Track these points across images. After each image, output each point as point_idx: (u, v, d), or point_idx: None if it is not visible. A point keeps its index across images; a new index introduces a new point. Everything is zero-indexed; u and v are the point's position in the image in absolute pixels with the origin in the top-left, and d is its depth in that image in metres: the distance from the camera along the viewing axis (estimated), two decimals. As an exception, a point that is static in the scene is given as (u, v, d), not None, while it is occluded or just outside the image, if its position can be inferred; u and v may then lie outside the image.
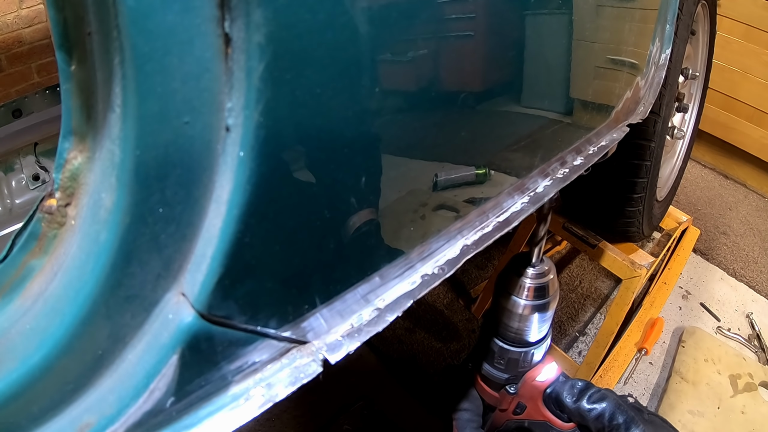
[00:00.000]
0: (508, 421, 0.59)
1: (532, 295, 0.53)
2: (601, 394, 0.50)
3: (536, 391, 0.56)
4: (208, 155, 0.29)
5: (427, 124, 0.42)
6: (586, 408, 0.49)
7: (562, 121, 0.61)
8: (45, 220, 0.31)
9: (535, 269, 0.54)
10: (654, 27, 0.76)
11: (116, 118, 0.27)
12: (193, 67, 0.27)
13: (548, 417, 0.54)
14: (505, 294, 0.54)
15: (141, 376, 0.31)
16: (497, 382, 0.58)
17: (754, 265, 1.95)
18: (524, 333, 0.55)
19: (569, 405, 0.50)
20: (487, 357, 0.58)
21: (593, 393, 0.50)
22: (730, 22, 2.10)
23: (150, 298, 0.30)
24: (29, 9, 1.81)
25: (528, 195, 0.57)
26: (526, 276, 0.53)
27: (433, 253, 0.46)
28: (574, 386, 0.51)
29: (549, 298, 0.55)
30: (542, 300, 0.54)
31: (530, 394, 0.57)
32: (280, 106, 0.29)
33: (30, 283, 0.32)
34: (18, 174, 1.22)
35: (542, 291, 0.54)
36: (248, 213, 0.30)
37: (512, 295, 0.54)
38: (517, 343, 0.55)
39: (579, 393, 0.50)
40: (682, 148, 1.65)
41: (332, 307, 0.38)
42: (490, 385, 0.59)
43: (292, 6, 0.28)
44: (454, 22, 0.41)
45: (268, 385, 0.35)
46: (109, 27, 0.26)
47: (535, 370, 0.57)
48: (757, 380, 1.46)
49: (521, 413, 0.58)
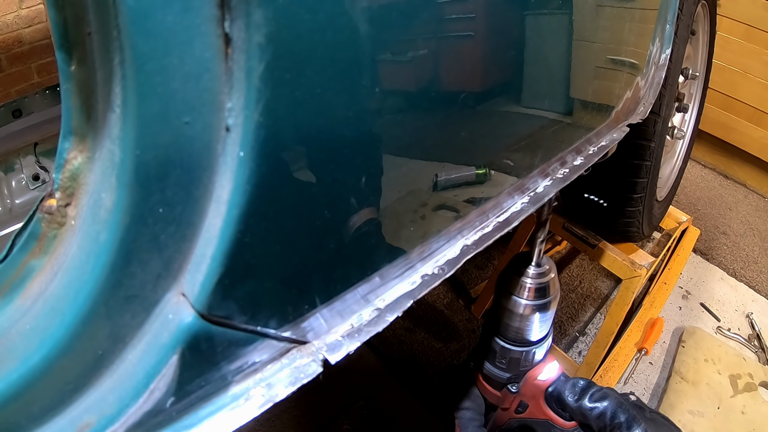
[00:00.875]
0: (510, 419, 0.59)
1: (533, 295, 0.54)
2: (602, 393, 0.50)
3: (538, 390, 0.56)
4: (208, 155, 0.29)
5: (427, 124, 0.42)
6: (587, 407, 0.49)
7: (563, 121, 0.61)
8: (45, 220, 0.31)
9: (536, 269, 0.54)
10: (654, 27, 0.76)
11: (116, 118, 0.27)
12: (193, 67, 0.27)
13: (550, 416, 0.55)
14: (506, 294, 0.54)
15: (141, 376, 0.31)
16: (499, 382, 0.58)
17: (754, 265, 1.95)
18: (525, 332, 0.55)
19: (571, 404, 0.51)
20: (489, 356, 0.58)
21: (595, 392, 0.50)
22: (730, 22, 2.10)
23: (150, 298, 0.30)
24: (29, 9, 1.81)
25: (528, 195, 0.57)
26: (526, 276, 0.54)
27: (433, 253, 0.46)
28: (576, 385, 0.51)
29: (550, 297, 0.55)
30: (543, 300, 0.54)
31: (532, 392, 0.57)
32: (280, 106, 0.29)
33: (30, 283, 0.32)
34: (18, 174, 1.22)
35: (543, 291, 0.54)
36: (248, 213, 0.30)
37: (513, 295, 0.54)
38: (518, 343, 0.56)
39: (581, 392, 0.51)
40: (682, 148, 1.65)
41: (332, 307, 0.38)
42: (492, 384, 0.59)
43: (292, 6, 0.28)
44: (454, 22, 0.41)
45: (268, 385, 0.35)
46: (109, 27, 0.26)
47: (537, 369, 0.57)
48: (757, 380, 1.46)
49: (523, 412, 0.58)
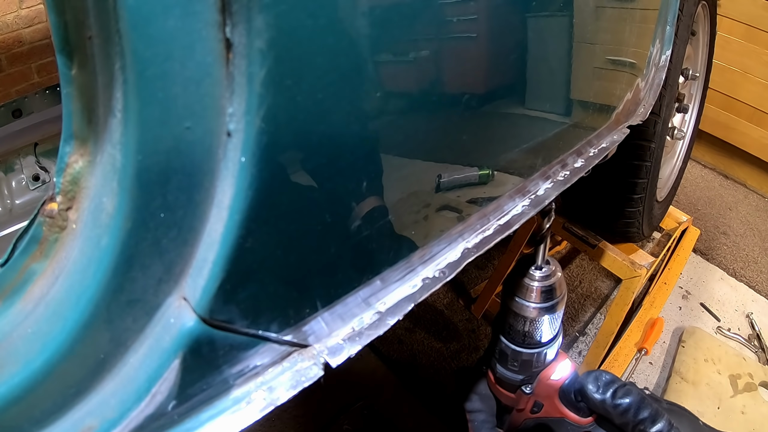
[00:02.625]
0: (526, 420, 0.59)
1: (541, 297, 0.54)
2: (626, 390, 0.49)
3: (552, 389, 0.56)
4: (210, 160, 0.28)
5: (428, 127, 0.42)
6: (613, 403, 0.49)
7: (563, 122, 0.61)
8: (46, 224, 0.31)
9: (541, 271, 0.54)
10: (654, 28, 0.76)
11: (117, 122, 0.27)
12: (194, 72, 0.27)
13: (565, 413, 0.55)
14: (513, 298, 0.54)
15: (143, 379, 0.31)
16: (513, 384, 0.58)
17: (754, 265, 1.96)
18: (535, 335, 0.55)
19: (595, 398, 0.50)
20: (501, 360, 0.58)
21: (619, 387, 0.50)
22: (730, 22, 2.10)
23: (152, 302, 0.30)
24: (29, 9, 1.81)
25: (529, 198, 0.57)
26: (533, 279, 0.54)
27: (435, 256, 0.46)
28: (599, 378, 0.50)
29: (557, 299, 0.55)
30: (551, 301, 0.54)
31: (546, 392, 0.57)
32: (282, 112, 0.29)
33: (31, 287, 0.32)
34: (18, 174, 1.21)
35: (550, 293, 0.54)
36: (250, 218, 0.30)
37: (521, 298, 0.54)
38: (529, 345, 0.56)
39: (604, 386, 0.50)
40: (682, 148, 1.65)
41: (333, 311, 0.38)
42: (505, 386, 0.59)
43: (294, 11, 0.28)
44: (455, 25, 0.41)
45: (269, 388, 0.35)
46: (110, 31, 0.26)
47: (549, 368, 0.57)
48: (757, 380, 1.46)
49: (539, 411, 0.58)
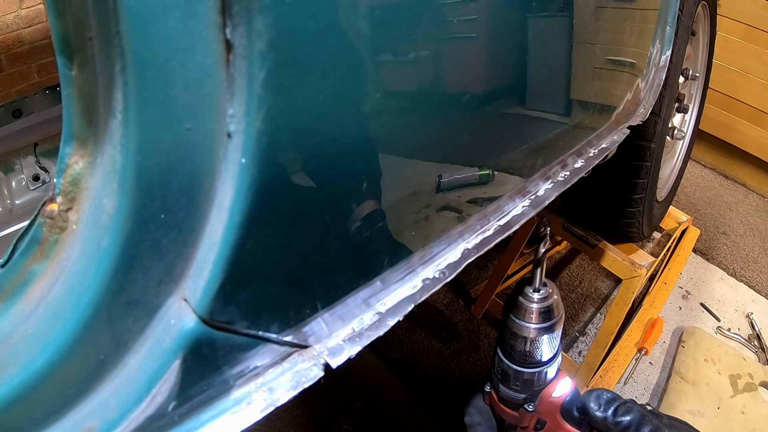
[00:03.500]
0: None
1: (539, 318, 0.55)
2: (627, 407, 0.51)
3: (554, 407, 0.58)
4: (210, 162, 0.29)
5: (429, 127, 0.42)
6: (615, 420, 0.50)
7: (564, 123, 0.61)
8: (46, 225, 0.31)
9: (539, 293, 0.55)
10: (654, 28, 0.76)
11: (117, 123, 0.27)
12: (194, 74, 0.27)
13: (568, 429, 0.57)
14: (513, 319, 0.56)
15: (143, 380, 0.31)
16: (515, 402, 0.60)
17: (754, 265, 1.95)
18: (535, 354, 0.57)
19: (597, 416, 0.52)
20: (503, 379, 0.60)
21: (620, 405, 0.51)
22: (730, 22, 2.10)
23: (152, 303, 0.30)
24: (29, 9, 1.81)
25: (529, 198, 0.57)
26: (531, 301, 0.56)
27: (435, 256, 0.46)
28: (600, 397, 0.53)
29: (555, 319, 0.57)
30: (549, 321, 0.57)
31: (548, 409, 0.59)
32: (282, 113, 0.29)
33: (32, 288, 0.32)
34: (18, 174, 1.21)
35: (548, 313, 0.56)
36: (250, 219, 0.30)
37: (520, 319, 0.56)
38: (530, 365, 0.57)
39: (605, 404, 0.52)
40: (682, 148, 1.65)
41: (333, 312, 0.38)
42: (508, 405, 0.62)
43: (294, 13, 0.28)
44: (454, 26, 0.41)
45: (269, 389, 0.35)
46: (110, 33, 0.26)
47: (551, 386, 0.59)
48: (757, 380, 1.46)
49: (542, 429, 0.60)
